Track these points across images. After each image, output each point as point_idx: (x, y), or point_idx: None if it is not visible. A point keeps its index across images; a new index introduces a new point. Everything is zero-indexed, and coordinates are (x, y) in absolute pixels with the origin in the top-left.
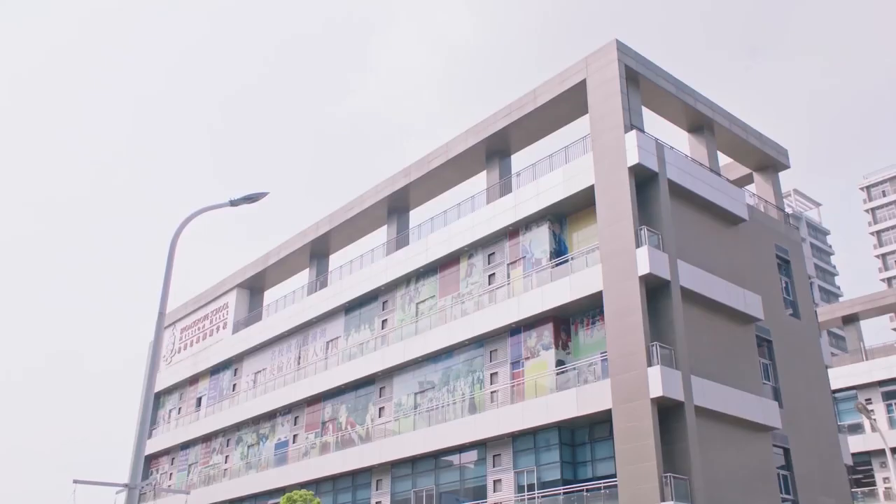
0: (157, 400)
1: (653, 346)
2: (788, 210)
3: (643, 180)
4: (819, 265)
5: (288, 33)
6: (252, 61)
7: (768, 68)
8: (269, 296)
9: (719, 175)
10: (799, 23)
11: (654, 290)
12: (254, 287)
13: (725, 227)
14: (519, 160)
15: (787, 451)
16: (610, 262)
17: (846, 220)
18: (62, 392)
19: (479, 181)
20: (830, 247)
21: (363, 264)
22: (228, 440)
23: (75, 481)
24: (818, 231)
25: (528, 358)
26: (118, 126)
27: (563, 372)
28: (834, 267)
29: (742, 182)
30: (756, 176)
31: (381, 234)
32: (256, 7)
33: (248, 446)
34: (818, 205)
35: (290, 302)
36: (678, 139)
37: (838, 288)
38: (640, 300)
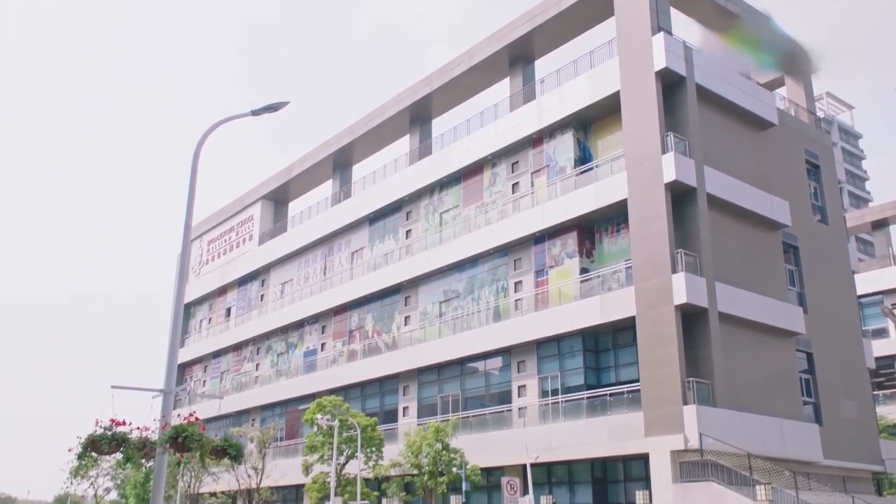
0: (187, 310)
1: (677, 253)
2: (820, 114)
3: (670, 85)
4: (849, 170)
5: None
6: None
7: None
8: (294, 207)
9: (749, 78)
10: None
11: (680, 197)
12: (278, 199)
13: (754, 132)
14: (543, 66)
15: (809, 356)
16: (635, 169)
17: (880, 124)
18: (102, 312)
19: (503, 88)
20: (862, 151)
21: (386, 175)
22: (258, 349)
23: (113, 387)
24: (850, 135)
25: (552, 266)
26: (145, 41)
27: (587, 280)
28: (865, 172)
29: (773, 86)
30: (787, 79)
31: (403, 144)
32: None
33: (278, 354)
34: (851, 108)
35: (314, 213)
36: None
37: (868, 193)
38: (666, 207)
